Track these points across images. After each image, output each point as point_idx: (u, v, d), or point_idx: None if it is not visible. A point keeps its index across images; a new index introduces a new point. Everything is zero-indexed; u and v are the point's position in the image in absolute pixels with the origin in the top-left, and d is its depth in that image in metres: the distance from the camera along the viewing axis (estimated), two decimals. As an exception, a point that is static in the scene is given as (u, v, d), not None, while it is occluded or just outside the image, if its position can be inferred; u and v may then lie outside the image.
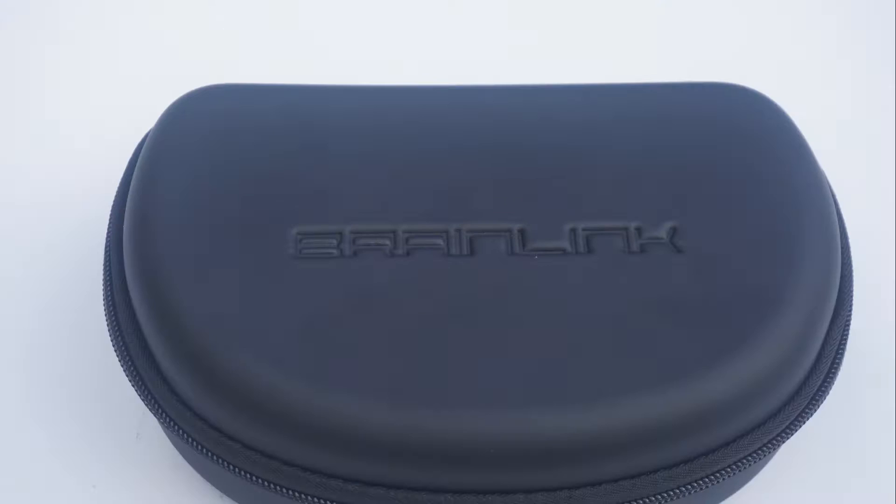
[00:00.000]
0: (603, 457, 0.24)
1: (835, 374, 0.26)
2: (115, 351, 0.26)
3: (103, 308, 0.27)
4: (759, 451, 0.25)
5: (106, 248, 0.28)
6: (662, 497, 0.24)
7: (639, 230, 0.27)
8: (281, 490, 0.24)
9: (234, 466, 0.25)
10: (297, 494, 0.24)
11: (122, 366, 0.26)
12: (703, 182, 0.28)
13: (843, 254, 0.28)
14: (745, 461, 0.25)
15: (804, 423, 0.26)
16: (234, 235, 0.26)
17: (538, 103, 0.31)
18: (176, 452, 0.29)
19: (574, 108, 0.30)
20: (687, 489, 0.24)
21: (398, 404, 0.23)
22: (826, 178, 0.30)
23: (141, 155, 0.29)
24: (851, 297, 0.28)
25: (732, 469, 0.25)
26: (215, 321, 0.25)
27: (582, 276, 0.26)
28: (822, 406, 0.26)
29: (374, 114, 0.30)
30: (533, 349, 0.24)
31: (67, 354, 0.32)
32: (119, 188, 0.29)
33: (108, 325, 0.27)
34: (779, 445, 0.25)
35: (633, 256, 0.26)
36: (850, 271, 0.28)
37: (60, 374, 0.32)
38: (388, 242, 0.26)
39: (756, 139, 0.29)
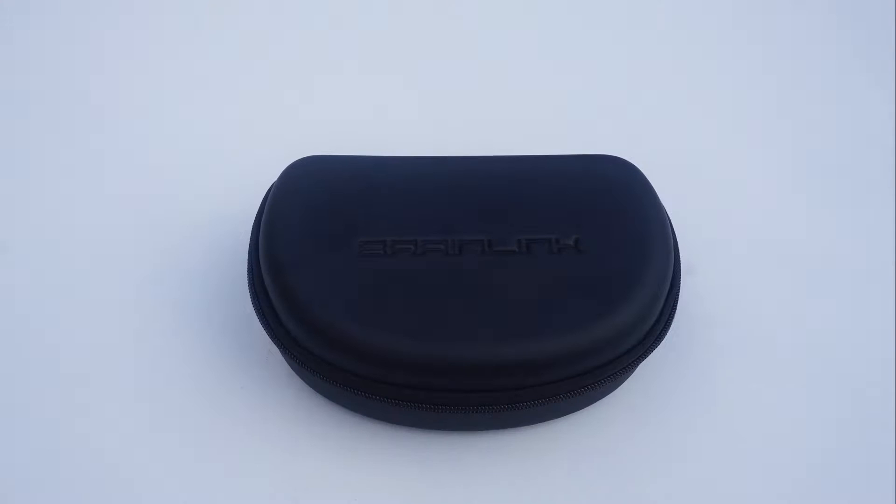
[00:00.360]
0: (532, 370, 0.40)
1: (669, 324, 0.43)
2: (255, 310, 0.43)
3: (247, 284, 0.44)
4: (625, 369, 0.41)
5: (249, 249, 0.45)
6: (566, 395, 0.40)
7: (557, 240, 0.43)
8: (351, 390, 0.41)
9: (325, 377, 0.41)
10: (359, 393, 0.40)
11: (259, 319, 0.43)
12: (593, 212, 0.45)
13: (674, 253, 0.44)
14: (616, 375, 0.41)
15: (652, 352, 0.42)
16: (323, 243, 0.43)
17: (496, 166, 0.47)
18: (290, 370, 0.45)
19: (516, 169, 0.47)
20: (581, 391, 0.41)
21: (416, 339, 0.40)
22: (664, 208, 0.46)
23: (270, 196, 0.46)
24: (679, 277, 0.44)
25: (608, 380, 0.41)
26: (313, 292, 0.41)
27: (524, 265, 0.42)
28: (663, 344, 0.43)
29: (405, 174, 0.47)
30: (495, 307, 0.41)
31: (231, 311, 0.48)
32: (256, 216, 0.46)
33: (250, 295, 0.44)
34: (636, 365, 0.42)
35: (553, 255, 0.43)
36: (679, 263, 0.44)
37: (226, 323, 0.48)
38: (412, 247, 0.43)
39: (624, 186, 0.46)
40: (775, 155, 0.60)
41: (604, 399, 0.45)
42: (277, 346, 0.43)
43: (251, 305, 0.44)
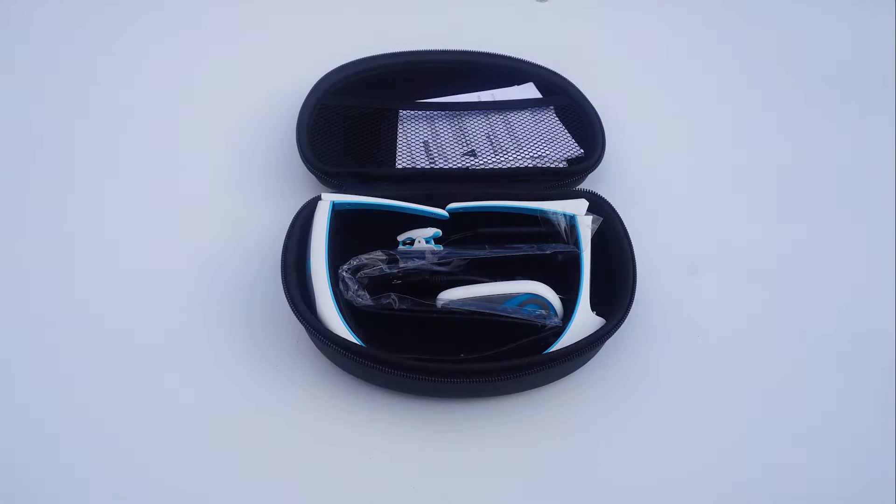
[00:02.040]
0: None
1: (630, 308, 0.53)
2: (287, 297, 0.52)
3: (281, 276, 0.53)
4: (596, 344, 0.52)
5: (282, 256, 0.55)
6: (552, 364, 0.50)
7: None
8: (359, 360, 0.50)
9: (347, 352, 0.50)
10: (363, 362, 0.50)
11: (290, 306, 0.52)
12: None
13: (631, 251, 0.55)
14: (586, 350, 0.51)
15: (617, 329, 0.52)
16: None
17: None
18: (318, 351, 0.55)
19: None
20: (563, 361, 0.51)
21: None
22: (623, 223, 0.57)
23: (297, 216, 0.56)
24: (635, 265, 0.54)
25: (579, 353, 0.51)
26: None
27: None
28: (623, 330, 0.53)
29: None
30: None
31: (265, 297, 0.57)
32: (287, 232, 0.56)
33: (283, 284, 0.53)
34: (605, 340, 0.52)
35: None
36: (634, 258, 0.55)
37: (260, 308, 0.57)
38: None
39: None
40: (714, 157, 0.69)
41: (573, 374, 0.55)
42: (306, 328, 0.52)
43: (284, 295, 0.53)
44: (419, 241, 0.58)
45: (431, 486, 0.51)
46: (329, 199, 0.58)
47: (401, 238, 0.58)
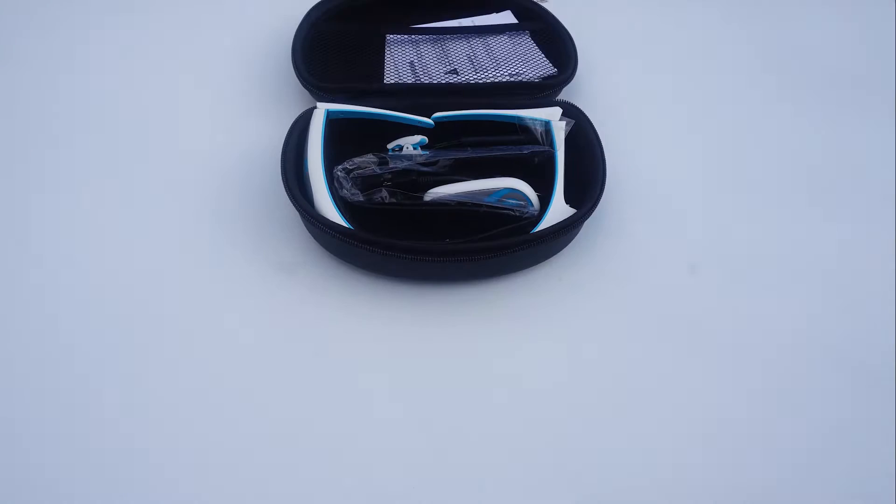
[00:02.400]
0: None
1: (597, 203, 0.58)
2: (285, 188, 0.57)
3: (280, 171, 0.58)
4: (569, 228, 0.56)
5: (282, 155, 0.59)
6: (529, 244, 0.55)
7: None
8: (349, 242, 0.55)
9: (339, 234, 0.55)
10: (353, 243, 0.55)
11: (288, 196, 0.57)
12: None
13: (601, 150, 0.60)
14: (561, 233, 0.56)
15: (589, 216, 0.57)
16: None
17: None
18: (308, 235, 0.60)
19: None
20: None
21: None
22: (595, 129, 0.62)
23: (294, 123, 0.61)
24: (605, 162, 0.59)
25: (559, 234, 0.56)
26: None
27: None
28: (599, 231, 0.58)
29: None
30: None
31: (268, 196, 0.62)
32: (286, 136, 0.60)
33: (282, 177, 0.57)
34: (578, 225, 0.57)
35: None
36: (604, 156, 0.60)
37: (265, 205, 0.62)
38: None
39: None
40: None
41: (549, 260, 0.61)
42: (300, 213, 0.57)
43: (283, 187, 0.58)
44: (407, 148, 0.63)
45: (407, 364, 0.56)
46: (324, 107, 0.63)
47: (390, 146, 0.63)
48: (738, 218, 0.65)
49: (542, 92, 0.67)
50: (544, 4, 0.74)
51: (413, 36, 0.72)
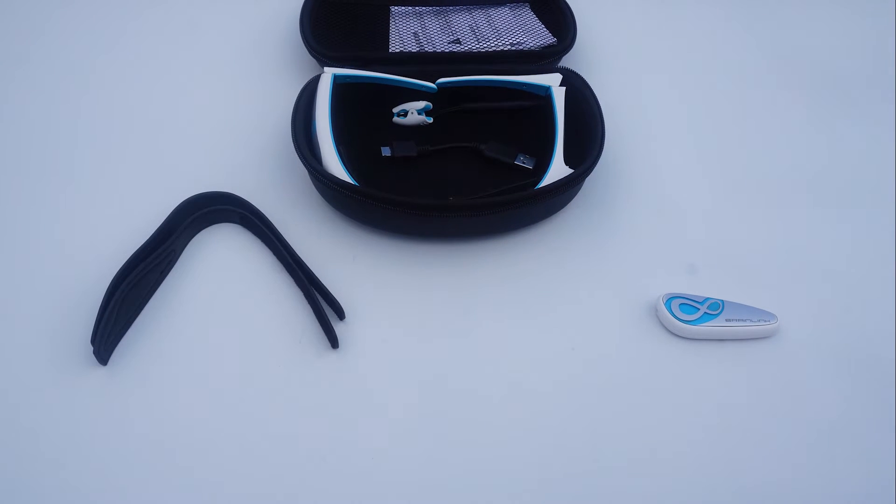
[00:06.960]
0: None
1: (597, 161, 0.60)
2: (294, 146, 0.59)
3: (291, 131, 0.60)
4: (567, 186, 0.58)
5: (292, 118, 0.61)
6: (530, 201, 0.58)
7: None
8: (355, 196, 0.57)
9: (346, 190, 0.57)
10: (359, 199, 0.57)
11: (297, 153, 0.58)
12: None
13: (600, 112, 0.62)
14: (563, 188, 0.58)
15: (588, 174, 0.59)
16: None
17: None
18: (316, 192, 0.62)
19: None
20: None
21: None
22: (594, 93, 0.64)
23: (303, 89, 0.63)
24: (603, 124, 0.62)
25: (559, 190, 0.58)
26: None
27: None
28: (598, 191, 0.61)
29: None
30: None
31: (278, 155, 0.65)
32: (296, 100, 0.62)
33: (292, 136, 0.60)
34: (577, 183, 0.59)
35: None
36: (602, 118, 0.62)
37: (275, 163, 0.64)
38: None
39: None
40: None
41: (550, 218, 0.63)
42: (309, 172, 0.59)
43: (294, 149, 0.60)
44: (412, 112, 0.65)
45: (404, 315, 0.58)
46: (331, 72, 0.65)
47: (395, 109, 0.66)
48: (736, 209, 0.66)
49: (542, 60, 0.69)
50: None
51: (417, 7, 0.74)
